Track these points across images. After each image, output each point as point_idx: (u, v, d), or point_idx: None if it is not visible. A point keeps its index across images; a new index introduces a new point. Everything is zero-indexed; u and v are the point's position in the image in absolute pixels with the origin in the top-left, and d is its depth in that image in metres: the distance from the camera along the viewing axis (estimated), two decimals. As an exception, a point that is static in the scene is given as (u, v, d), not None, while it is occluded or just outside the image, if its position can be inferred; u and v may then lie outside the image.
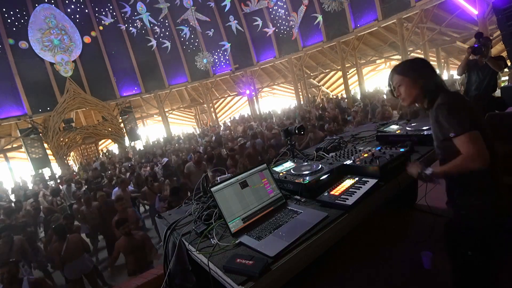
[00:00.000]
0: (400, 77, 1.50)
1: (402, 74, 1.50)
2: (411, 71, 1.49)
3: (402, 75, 1.50)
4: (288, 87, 18.71)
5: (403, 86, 1.49)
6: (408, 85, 1.47)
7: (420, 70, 1.47)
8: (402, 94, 1.51)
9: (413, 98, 1.48)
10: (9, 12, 12.41)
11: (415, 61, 1.53)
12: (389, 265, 2.09)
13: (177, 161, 7.89)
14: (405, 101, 1.52)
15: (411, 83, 1.46)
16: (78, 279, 3.79)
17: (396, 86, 1.53)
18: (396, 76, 1.52)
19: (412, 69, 1.49)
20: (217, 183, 1.43)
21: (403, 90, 1.50)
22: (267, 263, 1.02)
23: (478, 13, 8.20)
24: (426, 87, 1.44)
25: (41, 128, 12.68)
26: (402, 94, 1.51)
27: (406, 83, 1.48)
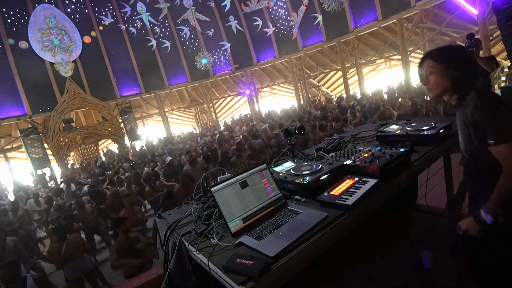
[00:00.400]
0: (433, 62, 1.33)
1: (436, 60, 1.32)
2: (447, 58, 1.30)
3: (435, 61, 1.32)
4: (288, 87, 18.71)
5: (433, 74, 1.33)
6: (440, 73, 1.30)
7: (457, 60, 1.29)
8: (430, 83, 1.35)
9: (441, 89, 1.32)
10: (9, 12, 12.41)
11: (454, 49, 1.34)
12: (389, 265, 2.09)
13: (178, 161, 7.90)
14: (431, 92, 1.36)
15: (443, 72, 1.29)
16: (78, 279, 3.79)
17: (426, 73, 1.36)
18: (428, 61, 1.35)
19: (449, 57, 1.30)
20: (217, 183, 1.43)
21: (432, 79, 1.33)
22: (267, 263, 1.02)
23: (478, 13, 8.19)
24: (460, 80, 1.27)
25: (41, 128, 12.68)
26: (430, 83, 1.34)
27: (438, 71, 1.31)
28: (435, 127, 1.90)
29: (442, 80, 1.30)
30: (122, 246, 3.42)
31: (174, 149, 10.57)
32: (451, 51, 1.32)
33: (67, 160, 13.12)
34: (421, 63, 1.39)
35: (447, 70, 1.28)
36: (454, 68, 1.27)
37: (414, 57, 13.46)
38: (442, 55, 1.32)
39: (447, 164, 2.20)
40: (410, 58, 12.06)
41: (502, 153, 1.11)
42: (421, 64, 1.38)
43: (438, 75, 1.31)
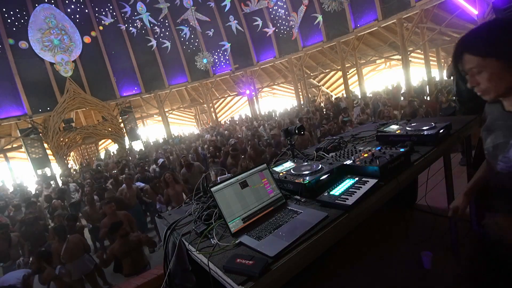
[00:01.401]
0: (477, 59, 0.94)
1: (485, 54, 0.92)
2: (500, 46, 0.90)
3: (481, 56, 0.93)
4: (288, 87, 18.72)
5: (487, 72, 0.94)
6: (497, 71, 0.92)
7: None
8: (484, 84, 0.97)
9: (502, 90, 0.95)
10: (9, 12, 12.42)
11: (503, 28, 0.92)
12: (389, 265, 2.09)
13: (173, 162, 7.90)
14: (486, 95, 0.99)
15: (501, 68, 0.91)
16: (78, 279, 3.79)
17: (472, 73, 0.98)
18: (469, 57, 0.96)
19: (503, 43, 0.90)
20: (217, 183, 1.43)
21: (486, 78, 0.95)
22: (267, 263, 1.02)
23: (478, 13, 8.20)
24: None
25: (41, 128, 12.68)
26: (484, 83, 0.96)
27: (493, 67, 0.92)
28: (435, 127, 1.90)
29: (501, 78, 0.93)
30: (120, 250, 3.40)
31: (170, 151, 10.54)
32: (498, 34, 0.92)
33: (67, 160, 13.13)
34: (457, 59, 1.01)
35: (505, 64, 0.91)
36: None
37: (414, 57, 13.48)
38: (487, 45, 0.92)
39: (447, 164, 2.20)
40: (410, 58, 12.07)
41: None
42: (458, 60, 1.01)
43: (494, 72, 0.93)
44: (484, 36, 0.94)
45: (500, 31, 0.92)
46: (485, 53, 0.92)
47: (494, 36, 0.92)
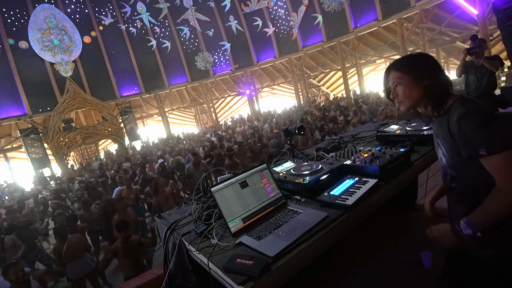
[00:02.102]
0: (398, 73, 1.21)
1: (401, 70, 1.20)
2: (413, 67, 1.19)
3: (401, 72, 1.20)
4: (288, 87, 18.72)
5: (401, 86, 1.20)
6: (409, 84, 1.17)
7: (424, 67, 1.18)
8: (400, 96, 1.21)
9: (413, 101, 1.19)
10: (9, 12, 12.42)
11: (418, 56, 1.22)
12: (389, 265, 2.09)
13: (173, 162, 7.89)
14: (403, 105, 1.22)
15: (412, 82, 1.17)
16: (79, 279, 3.79)
17: (392, 86, 1.23)
18: (393, 73, 1.23)
19: (415, 65, 1.19)
20: (217, 183, 1.43)
21: (401, 91, 1.20)
22: (267, 263, 1.02)
23: (478, 13, 8.20)
24: (432, 88, 1.14)
25: (41, 128, 12.68)
26: (400, 95, 1.21)
27: (406, 81, 1.18)
28: (435, 127, 1.90)
29: (412, 90, 1.17)
30: (121, 251, 3.39)
31: (170, 151, 10.54)
32: (415, 58, 1.22)
33: (67, 160, 13.13)
34: (386, 75, 1.27)
35: (416, 79, 1.16)
36: (423, 76, 1.15)
37: (414, 57, 13.43)
38: (406, 65, 1.21)
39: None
40: (410, 58, 12.04)
41: (495, 165, 0.96)
42: (387, 77, 1.26)
43: (406, 86, 1.18)
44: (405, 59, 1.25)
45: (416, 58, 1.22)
46: (404, 69, 1.20)
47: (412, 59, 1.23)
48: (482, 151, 0.97)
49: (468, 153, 1.03)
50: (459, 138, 1.04)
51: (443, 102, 1.15)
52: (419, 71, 1.17)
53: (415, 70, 1.18)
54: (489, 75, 3.90)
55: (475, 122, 1.00)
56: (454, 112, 1.07)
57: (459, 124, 1.03)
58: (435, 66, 1.18)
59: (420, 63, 1.20)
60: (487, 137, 0.97)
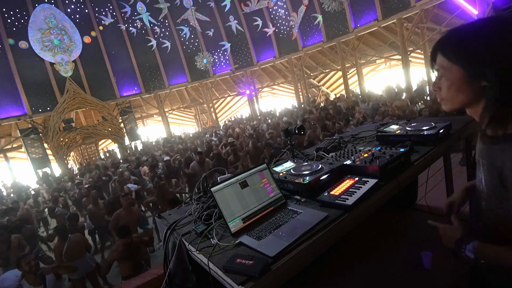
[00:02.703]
0: (445, 61, 0.81)
1: (449, 58, 0.80)
2: (468, 57, 0.76)
3: (448, 60, 0.80)
4: (288, 87, 18.72)
5: (447, 80, 0.83)
6: (457, 80, 0.80)
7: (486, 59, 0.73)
8: (443, 92, 0.85)
9: (459, 104, 0.84)
10: (9, 12, 12.42)
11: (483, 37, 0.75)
12: (389, 265, 2.09)
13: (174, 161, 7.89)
14: (445, 104, 0.87)
15: (462, 79, 0.78)
16: (80, 278, 3.80)
17: (438, 75, 0.86)
18: (440, 58, 0.83)
19: (472, 55, 0.75)
20: (217, 183, 1.43)
21: (445, 86, 0.84)
22: (267, 263, 1.02)
23: (478, 13, 8.20)
24: (494, 94, 0.74)
25: (41, 128, 12.69)
26: (443, 91, 0.85)
27: (454, 76, 0.80)
28: (435, 127, 1.90)
29: (460, 90, 0.80)
30: (122, 253, 3.40)
31: (170, 150, 10.54)
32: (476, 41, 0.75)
33: (67, 160, 13.13)
34: (432, 57, 0.87)
35: (467, 76, 0.77)
36: (480, 74, 0.74)
37: (414, 57, 13.47)
38: (459, 50, 0.78)
39: (447, 164, 2.20)
40: (410, 58, 12.07)
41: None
42: (433, 59, 0.86)
43: (453, 82, 0.81)
44: (457, 38, 0.80)
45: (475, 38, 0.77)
46: (452, 57, 0.80)
47: (467, 42, 0.78)
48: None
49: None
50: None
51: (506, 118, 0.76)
52: (476, 65, 0.75)
53: (470, 62, 0.76)
54: None
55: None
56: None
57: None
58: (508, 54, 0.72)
59: (481, 52, 0.74)
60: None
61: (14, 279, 3.01)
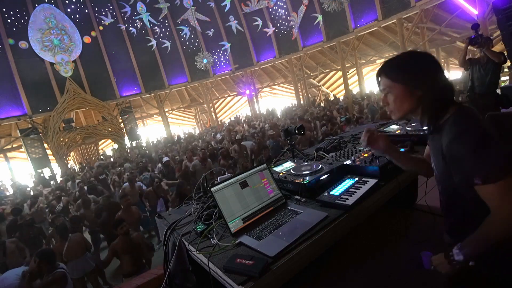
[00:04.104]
0: (388, 81, 1.07)
1: (391, 78, 1.06)
2: (404, 74, 1.03)
3: (391, 80, 1.06)
4: (288, 87, 18.71)
5: (392, 95, 1.07)
6: (399, 95, 1.05)
7: (418, 75, 1.01)
8: (390, 106, 1.09)
9: (404, 113, 1.07)
10: (9, 12, 12.41)
11: (411, 59, 1.05)
12: (389, 265, 2.09)
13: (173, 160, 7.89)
14: (393, 114, 1.11)
15: (403, 93, 1.04)
16: (80, 278, 3.80)
17: (383, 93, 1.11)
18: (384, 79, 1.08)
19: (407, 72, 1.03)
20: (217, 183, 1.43)
21: (391, 100, 1.07)
22: (267, 263, 1.02)
23: (478, 13, 8.20)
24: (427, 100, 1.01)
25: (41, 128, 12.68)
26: (391, 105, 1.09)
27: (397, 91, 1.05)
28: (435, 127, 1.90)
29: (403, 102, 1.04)
30: (121, 247, 3.41)
31: (170, 150, 10.54)
32: (408, 64, 1.05)
33: (67, 160, 13.12)
34: (377, 79, 1.13)
35: (408, 90, 1.02)
36: (416, 86, 1.01)
37: (414, 57, 13.43)
38: (397, 71, 1.06)
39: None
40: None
41: (490, 194, 0.87)
42: (378, 81, 1.13)
43: (397, 96, 1.05)
44: (396, 63, 1.08)
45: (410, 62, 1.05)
46: (394, 77, 1.06)
47: (404, 66, 1.06)
48: (477, 179, 0.88)
49: (461, 180, 0.94)
50: (451, 162, 0.95)
51: (440, 114, 1.01)
52: (411, 80, 1.02)
53: (407, 78, 1.03)
54: (493, 72, 3.90)
55: (468, 146, 0.89)
56: (447, 131, 0.96)
57: (451, 148, 0.93)
58: (432, 71, 1.01)
59: (413, 70, 1.03)
60: (482, 164, 0.87)
61: (14, 278, 3.00)
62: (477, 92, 4.05)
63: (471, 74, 4.14)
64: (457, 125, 0.94)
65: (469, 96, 4.18)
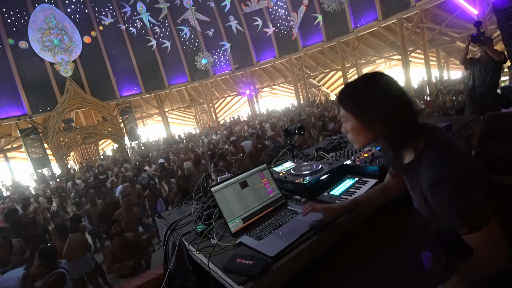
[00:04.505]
0: (342, 110, 0.98)
1: (344, 108, 0.97)
2: (356, 104, 0.93)
3: (344, 109, 0.97)
4: (288, 87, 18.71)
5: (348, 125, 0.98)
6: (354, 126, 0.95)
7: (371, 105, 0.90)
8: (349, 134, 1.00)
9: (362, 144, 0.99)
10: (9, 12, 12.41)
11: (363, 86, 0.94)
12: (389, 265, 2.09)
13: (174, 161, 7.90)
14: (354, 144, 1.02)
15: (356, 124, 0.94)
16: (80, 278, 3.80)
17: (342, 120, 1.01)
18: (341, 108, 0.98)
19: (359, 102, 0.92)
20: (217, 183, 1.43)
21: (349, 129, 0.98)
22: (267, 263, 1.02)
23: (478, 13, 8.21)
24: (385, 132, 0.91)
25: (41, 128, 12.68)
26: (349, 134, 1.00)
27: (351, 122, 0.96)
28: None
29: (359, 134, 0.96)
30: (118, 248, 3.40)
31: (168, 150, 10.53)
32: (356, 93, 0.94)
33: (67, 160, 13.12)
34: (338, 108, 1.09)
35: (359, 121, 0.93)
36: (371, 118, 0.91)
37: (414, 57, 13.47)
38: (348, 100, 0.96)
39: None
40: (410, 58, 12.07)
41: (474, 242, 0.84)
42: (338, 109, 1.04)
43: (352, 128, 0.96)
44: (348, 91, 0.98)
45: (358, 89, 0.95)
46: (347, 108, 0.96)
47: (354, 93, 0.95)
48: (461, 230, 0.84)
49: (445, 224, 0.89)
50: (434, 206, 0.89)
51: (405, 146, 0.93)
52: (363, 111, 0.91)
53: (357, 109, 0.93)
54: (493, 72, 3.90)
55: (450, 194, 0.82)
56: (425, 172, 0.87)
57: (432, 193, 0.86)
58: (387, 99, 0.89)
59: (365, 99, 0.91)
60: (466, 214, 0.82)
61: (16, 280, 3.00)
62: (477, 92, 4.05)
63: (472, 73, 4.14)
64: (436, 167, 0.85)
65: (470, 96, 4.19)
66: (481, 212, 0.82)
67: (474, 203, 0.82)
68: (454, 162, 0.85)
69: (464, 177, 0.83)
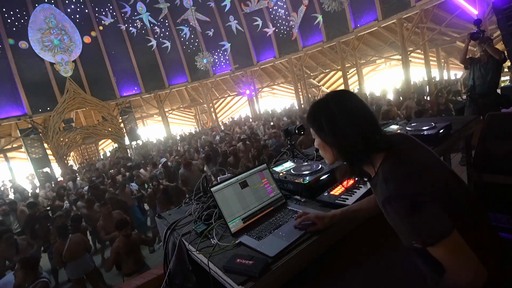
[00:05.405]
0: (310, 129, 1.03)
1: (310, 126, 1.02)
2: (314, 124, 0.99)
3: (311, 128, 1.02)
4: (288, 87, 18.71)
5: (316, 143, 1.04)
6: (319, 144, 1.02)
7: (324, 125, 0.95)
8: (320, 151, 1.06)
9: (330, 161, 1.04)
10: (9, 12, 12.41)
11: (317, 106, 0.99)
12: (389, 265, 2.09)
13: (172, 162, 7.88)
14: (326, 160, 1.07)
15: (320, 143, 1.01)
16: (79, 279, 3.80)
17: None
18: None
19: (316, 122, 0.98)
20: (217, 183, 1.43)
21: (316, 145, 1.05)
22: (267, 263, 1.02)
23: (478, 13, 8.21)
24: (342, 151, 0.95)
25: (41, 128, 12.68)
26: (320, 151, 1.06)
27: (317, 140, 1.03)
28: (435, 127, 1.90)
29: (324, 151, 1.02)
30: (123, 248, 3.42)
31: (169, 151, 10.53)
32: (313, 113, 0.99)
33: (67, 160, 13.13)
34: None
35: (321, 140, 0.99)
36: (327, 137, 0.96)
37: (414, 57, 13.48)
38: (310, 118, 1.01)
39: (447, 164, 2.20)
40: (410, 58, 12.07)
41: (436, 253, 0.83)
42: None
43: (318, 144, 1.03)
44: (310, 111, 1.02)
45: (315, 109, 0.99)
46: (311, 126, 1.01)
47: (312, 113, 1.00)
48: (416, 243, 0.83)
49: (403, 240, 0.89)
50: (389, 221, 0.90)
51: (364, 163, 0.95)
52: (320, 130, 0.97)
53: (316, 129, 0.99)
54: (494, 72, 3.90)
55: (401, 209, 0.82)
56: (378, 188, 0.89)
57: (384, 209, 0.87)
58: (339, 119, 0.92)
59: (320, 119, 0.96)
60: (417, 229, 0.82)
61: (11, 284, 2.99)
62: (477, 91, 4.05)
63: (472, 73, 4.14)
64: (388, 183, 0.85)
65: (470, 95, 4.18)
66: (435, 228, 0.80)
67: (425, 220, 0.81)
68: (407, 179, 0.85)
69: (414, 196, 0.82)
